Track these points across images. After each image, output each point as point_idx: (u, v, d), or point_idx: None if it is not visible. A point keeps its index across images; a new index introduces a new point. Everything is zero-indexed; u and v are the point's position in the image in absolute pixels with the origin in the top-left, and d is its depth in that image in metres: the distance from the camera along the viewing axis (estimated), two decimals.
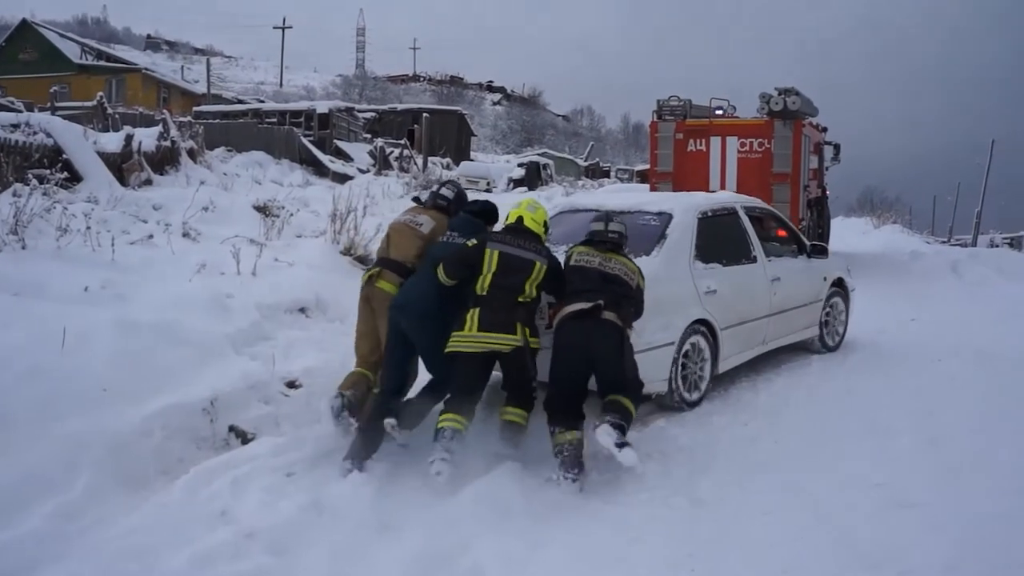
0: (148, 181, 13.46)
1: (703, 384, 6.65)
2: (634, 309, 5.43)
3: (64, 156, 11.52)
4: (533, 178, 33.58)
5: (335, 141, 32.08)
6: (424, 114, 35.50)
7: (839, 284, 8.83)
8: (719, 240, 7.01)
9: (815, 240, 11.07)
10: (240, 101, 45.68)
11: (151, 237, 8.99)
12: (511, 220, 5.56)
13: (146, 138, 14.49)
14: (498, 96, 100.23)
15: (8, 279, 6.34)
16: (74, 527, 4.22)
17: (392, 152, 29.84)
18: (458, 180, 26.39)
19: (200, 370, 5.77)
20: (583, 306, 5.17)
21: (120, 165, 13.14)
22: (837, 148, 16.66)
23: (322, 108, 34.20)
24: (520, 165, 36.41)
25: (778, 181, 13.32)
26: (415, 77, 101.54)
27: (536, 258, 5.30)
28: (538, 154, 49.99)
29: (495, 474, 4.84)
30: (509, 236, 5.41)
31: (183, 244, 9.18)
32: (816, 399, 6.90)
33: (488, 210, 6.03)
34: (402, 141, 33.36)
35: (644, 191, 14.54)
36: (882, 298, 10.73)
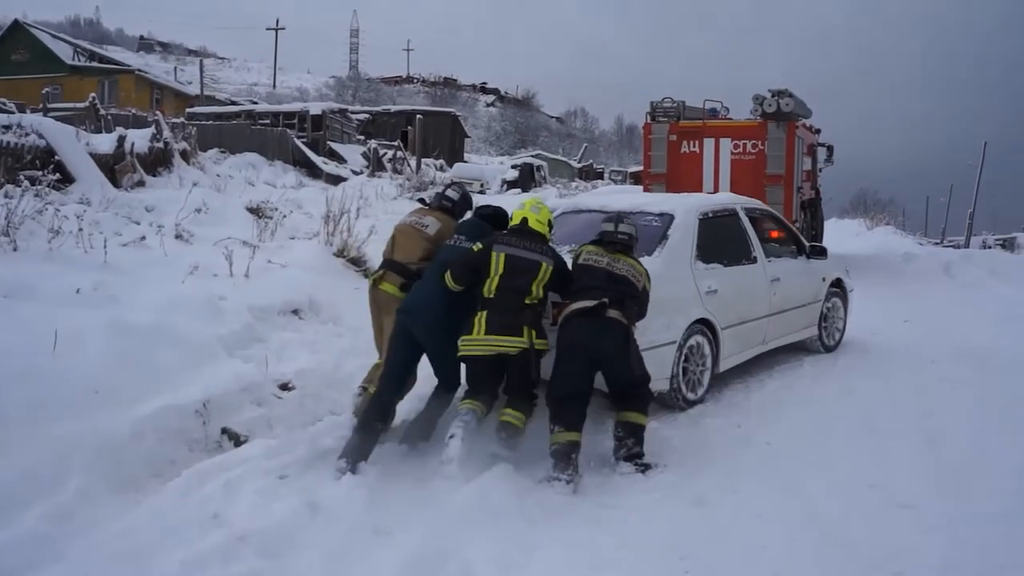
0: (141, 182, 13.41)
1: (704, 383, 6.72)
2: (638, 309, 5.47)
3: (56, 157, 11.47)
4: (527, 180, 33.59)
5: (328, 143, 32.08)
6: (418, 116, 35.58)
7: (838, 285, 8.91)
8: (720, 241, 7.08)
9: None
10: (233, 102, 45.70)
11: (144, 239, 8.96)
12: (515, 222, 5.61)
13: (139, 139, 14.43)
14: (492, 98, 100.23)
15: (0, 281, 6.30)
16: (66, 529, 4.19)
17: (386, 154, 29.83)
18: (452, 181, 26.46)
19: (193, 372, 5.75)
20: (588, 304, 5.22)
21: (113, 166, 13.08)
22: (830, 150, 16.70)
23: (315, 110, 34.24)
24: (514, 167, 36.41)
25: (771, 183, 13.34)
26: (409, 79, 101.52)
27: (542, 259, 5.36)
28: (532, 156, 49.95)
29: (489, 476, 4.83)
30: (514, 238, 5.46)
31: (176, 246, 9.15)
32: (809, 400, 6.91)
33: (499, 215, 6.04)
34: (396, 143, 33.41)
35: (637, 192, 14.55)
36: (875, 299, 10.74)
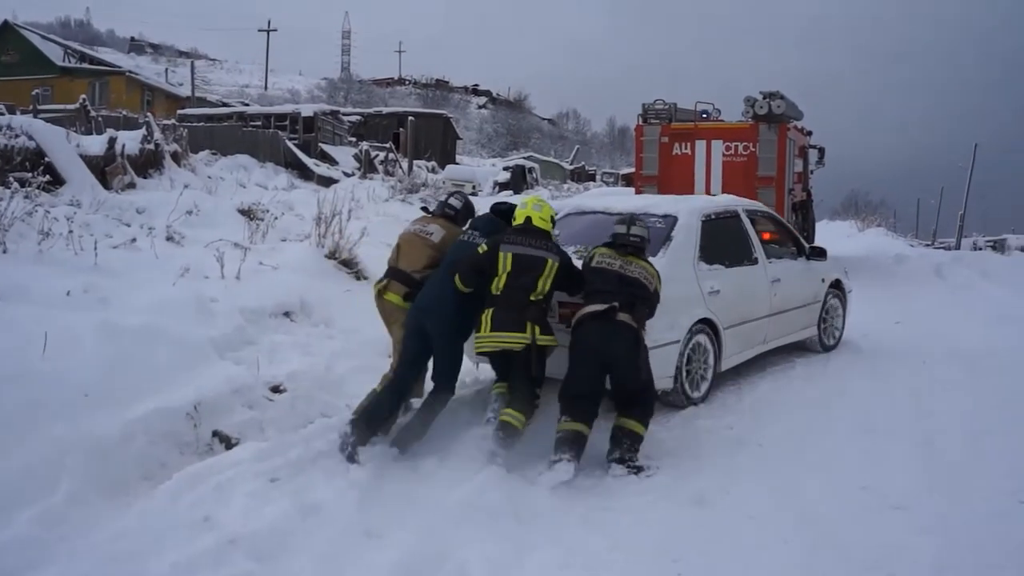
0: (131, 184, 13.36)
1: (706, 381, 6.79)
2: (648, 310, 5.58)
3: (46, 159, 11.42)
4: (518, 182, 33.63)
5: (320, 144, 32.08)
6: (409, 117, 35.51)
7: (836, 285, 9.01)
8: (722, 242, 7.19)
9: None
10: (225, 104, 45.57)
11: (134, 241, 8.93)
12: (519, 220, 5.71)
13: (129, 141, 14.38)
14: (483, 99, 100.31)
15: None
16: (57, 533, 4.16)
17: (377, 155, 29.77)
18: (444, 184, 26.49)
19: (184, 375, 5.73)
20: (599, 308, 5.33)
21: (103, 168, 13.04)
22: (822, 152, 16.74)
23: (307, 111, 34.22)
24: (506, 168, 36.49)
25: (763, 184, 13.36)
26: (400, 80, 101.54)
27: (548, 255, 5.47)
28: (524, 158, 50.00)
29: (481, 478, 4.84)
30: (520, 236, 5.57)
31: (167, 248, 9.13)
32: (801, 402, 6.91)
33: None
34: (387, 144, 33.32)
35: (629, 194, 14.56)
36: (867, 301, 10.76)
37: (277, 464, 5.02)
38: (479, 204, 6.87)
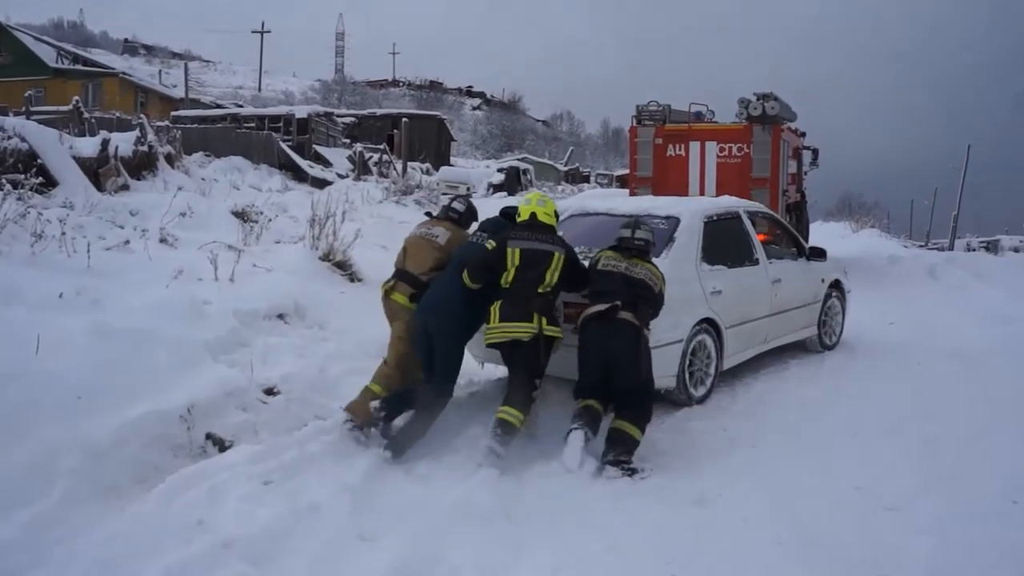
0: (125, 186, 13.36)
1: (708, 380, 6.86)
2: (652, 310, 5.71)
3: (39, 161, 11.40)
4: (513, 183, 33.59)
5: (314, 146, 32.04)
6: (403, 119, 35.53)
7: (836, 286, 9.10)
8: (724, 243, 7.28)
9: None
10: (218, 106, 45.49)
11: (127, 243, 8.92)
12: (524, 217, 5.83)
13: (123, 143, 14.37)
14: (478, 101, 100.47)
15: None
16: (50, 536, 4.15)
17: (371, 157, 29.75)
18: (438, 185, 26.50)
19: (177, 377, 5.71)
20: (601, 307, 5.50)
21: (96, 170, 13.03)
22: (816, 153, 16.75)
23: (301, 113, 34.19)
24: (500, 170, 36.46)
25: (757, 186, 13.36)
26: (394, 82, 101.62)
27: (554, 248, 5.62)
28: (518, 159, 50.07)
29: (475, 481, 4.84)
30: (526, 232, 5.72)
31: (160, 250, 9.11)
32: (795, 403, 6.92)
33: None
34: (381, 146, 33.34)
35: (624, 196, 14.57)
36: (861, 302, 10.77)
37: (271, 467, 5.01)
38: (477, 205, 6.86)
